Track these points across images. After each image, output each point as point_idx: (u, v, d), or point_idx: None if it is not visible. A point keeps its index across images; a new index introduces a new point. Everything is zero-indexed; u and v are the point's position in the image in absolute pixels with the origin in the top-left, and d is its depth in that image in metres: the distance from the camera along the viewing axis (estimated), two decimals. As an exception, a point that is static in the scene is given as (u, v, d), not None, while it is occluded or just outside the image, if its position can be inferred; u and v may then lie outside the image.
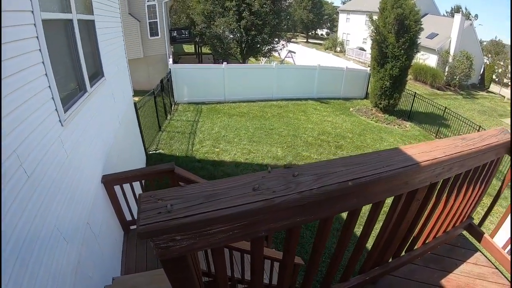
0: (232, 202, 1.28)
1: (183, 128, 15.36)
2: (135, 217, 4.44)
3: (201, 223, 1.23)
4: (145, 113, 12.50)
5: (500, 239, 3.41)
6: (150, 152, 12.49)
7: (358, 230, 2.37)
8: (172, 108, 17.73)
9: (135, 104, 10.95)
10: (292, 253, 1.73)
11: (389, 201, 2.04)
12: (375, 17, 20.28)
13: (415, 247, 2.90)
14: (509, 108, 36.69)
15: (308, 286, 2.17)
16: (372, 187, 1.66)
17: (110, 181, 5.09)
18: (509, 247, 3.32)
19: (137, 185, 5.47)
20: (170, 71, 17.98)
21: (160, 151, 12.83)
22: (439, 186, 2.28)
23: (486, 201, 7.00)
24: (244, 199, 1.30)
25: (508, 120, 31.78)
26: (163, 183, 5.29)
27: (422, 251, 2.98)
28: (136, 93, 11.71)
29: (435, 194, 2.32)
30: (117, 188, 5.19)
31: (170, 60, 19.89)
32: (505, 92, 41.94)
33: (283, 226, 1.47)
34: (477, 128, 18.46)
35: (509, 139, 2.62)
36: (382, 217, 2.17)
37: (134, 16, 21.22)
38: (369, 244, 2.29)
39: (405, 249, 2.78)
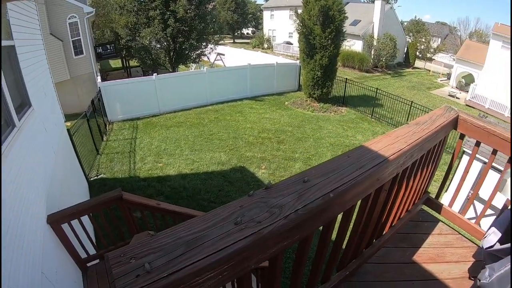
0: (218, 244, 1.14)
1: (122, 147, 14.75)
2: (90, 253, 4.19)
3: (189, 277, 1.07)
4: (80, 138, 11.85)
5: (457, 207, 3.56)
6: (92, 179, 11.86)
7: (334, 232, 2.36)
8: (107, 128, 16.97)
9: (68, 130, 10.31)
10: (278, 281, 1.64)
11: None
12: (300, 11, 20.59)
13: (384, 232, 2.99)
14: (436, 80, 38.81)
15: None
16: (349, 193, 1.62)
17: (56, 220, 4.68)
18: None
19: (85, 218, 5.08)
20: (99, 89, 17.20)
21: (102, 175, 12.23)
22: (401, 173, 2.31)
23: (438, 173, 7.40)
24: (230, 238, 1.17)
25: (435, 91, 33.56)
26: (113, 210, 5.10)
27: (391, 234, 3.07)
28: (67, 117, 11.09)
29: (398, 180, 2.37)
30: (65, 226, 4.79)
31: (99, 78, 18.98)
32: (429, 65, 44.80)
33: (271, 254, 1.36)
34: (410, 104, 19.36)
35: (455, 115, 2.82)
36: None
37: (56, 36, 19.83)
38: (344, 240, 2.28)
39: (375, 236, 2.84)
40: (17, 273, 3.18)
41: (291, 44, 46.07)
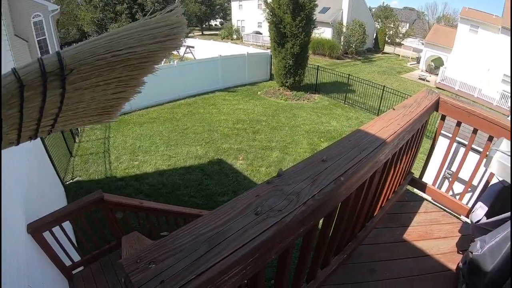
0: (243, 238, 1.10)
1: (96, 148, 14.33)
2: (75, 260, 4.04)
3: (218, 275, 1.01)
4: (52, 141, 11.45)
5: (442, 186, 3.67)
6: (68, 183, 11.51)
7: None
8: (79, 129, 16.25)
9: None
10: (288, 264, 1.63)
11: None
12: (269, 0, 20.51)
13: (375, 213, 3.08)
14: (406, 65, 39.53)
15: (300, 285, 2.16)
16: (355, 176, 1.63)
17: (37, 229, 4.46)
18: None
19: (66, 224, 4.88)
20: None
21: (78, 178, 11.88)
22: (392, 155, 2.36)
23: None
24: (255, 230, 1.13)
25: (406, 75, 34.19)
26: (94, 212, 4.98)
27: (381, 216, 3.17)
28: None
29: (389, 162, 2.43)
30: (46, 234, 4.57)
31: None
32: (399, 50, 45.71)
33: (290, 242, 1.35)
34: (382, 88, 19.72)
35: (437, 97, 2.93)
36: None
37: (21, 37, 18.79)
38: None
39: (368, 218, 2.92)
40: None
41: (261, 33, 45.94)
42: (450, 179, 9.97)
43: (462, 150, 10.16)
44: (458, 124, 3.18)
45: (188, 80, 20.77)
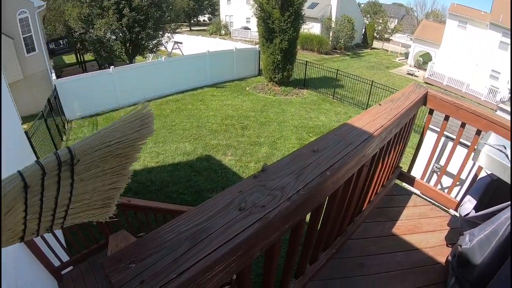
0: (226, 234, 1.06)
1: None
2: (63, 260, 3.96)
3: (200, 273, 0.97)
4: (38, 140, 11.35)
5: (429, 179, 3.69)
6: None
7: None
8: (66, 127, 16.31)
9: (26, 133, 9.77)
10: (275, 262, 1.60)
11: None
12: (257, -5, 20.42)
13: (363, 208, 3.07)
14: (395, 60, 39.75)
15: (287, 282, 2.14)
16: (342, 170, 1.60)
17: None
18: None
19: None
20: (55, 87, 16.37)
21: None
22: (379, 149, 2.35)
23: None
24: (237, 226, 1.09)
25: (394, 70, 34.37)
26: None
27: (370, 210, 3.16)
28: (24, 119, 10.60)
29: (377, 156, 2.41)
30: None
31: (53, 75, 17.95)
32: (387, 46, 45.93)
33: (275, 238, 1.32)
34: (370, 83, 19.83)
35: (425, 91, 2.94)
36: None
37: (6, 34, 18.50)
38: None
39: (356, 212, 2.91)
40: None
41: (249, 29, 45.78)
42: (439, 173, 10.04)
43: (450, 144, 10.24)
44: (446, 118, 3.17)
45: (176, 76, 20.61)
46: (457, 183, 3.55)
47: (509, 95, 26.05)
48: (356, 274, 2.67)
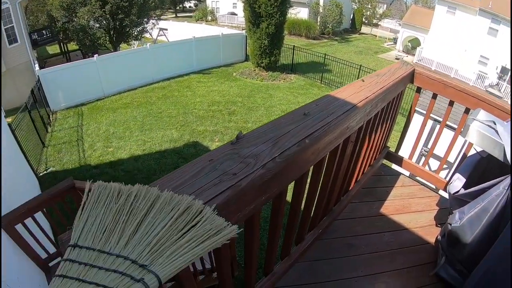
0: None
1: (69, 137, 13.86)
2: (51, 252, 3.86)
3: None
4: (23, 132, 11.07)
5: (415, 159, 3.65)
6: (41, 174, 11.15)
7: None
8: (51, 119, 15.88)
9: (9, 125, 9.48)
10: (256, 240, 1.53)
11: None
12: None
13: (350, 188, 3.02)
14: (383, 45, 39.84)
15: (272, 266, 2.11)
16: (323, 140, 1.52)
17: (9, 222, 4.21)
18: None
19: (39, 216, 4.64)
20: (38, 78, 15.88)
21: (52, 169, 11.52)
22: (365, 124, 2.28)
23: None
24: (205, 196, 1.00)
25: (382, 55, 34.47)
26: (68, 203, 4.75)
27: (357, 190, 3.11)
28: (8, 113, 10.35)
29: (363, 132, 2.35)
30: (19, 227, 4.32)
31: (36, 66, 17.47)
32: (376, 31, 45.92)
33: (250, 211, 1.23)
34: (358, 68, 19.86)
35: (412, 69, 2.88)
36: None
37: None
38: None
39: (342, 192, 2.85)
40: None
41: (236, 14, 45.32)
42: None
43: (439, 127, 10.21)
44: (434, 96, 3.12)
45: (161, 63, 20.28)
46: (446, 166, 3.51)
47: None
48: (344, 255, 2.63)
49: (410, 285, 2.48)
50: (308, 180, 1.91)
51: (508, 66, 26.42)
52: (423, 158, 9.50)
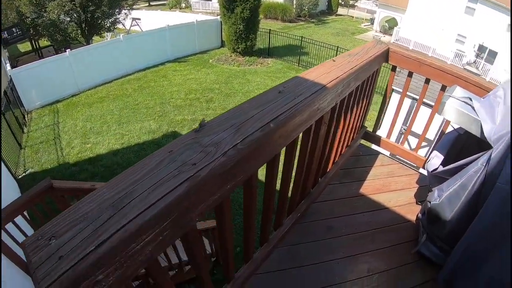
0: (150, 198, 0.92)
1: (45, 136, 13.52)
2: None
3: (123, 243, 0.85)
4: None
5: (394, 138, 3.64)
6: (20, 176, 10.87)
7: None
8: (26, 119, 15.39)
9: None
10: (228, 229, 1.50)
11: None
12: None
13: (328, 169, 2.99)
14: (360, 26, 39.98)
15: (250, 254, 2.08)
16: (290, 123, 1.47)
17: None
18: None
19: (21, 221, 4.48)
20: (10, 78, 15.27)
21: (30, 170, 11.25)
22: (339, 104, 2.24)
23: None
24: (163, 188, 0.96)
25: (360, 36, 34.56)
26: (48, 204, 4.59)
27: (335, 171, 3.08)
28: None
29: (337, 113, 2.31)
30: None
31: (8, 66, 16.91)
32: (352, 12, 45.85)
33: (215, 201, 1.18)
34: (335, 49, 19.87)
35: (386, 48, 2.87)
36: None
37: None
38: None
39: (320, 174, 2.82)
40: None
41: (210, 0, 44.94)
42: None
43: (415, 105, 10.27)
44: (410, 75, 3.11)
45: (136, 54, 19.85)
46: (426, 144, 3.50)
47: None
48: (325, 237, 2.61)
49: (392, 263, 2.47)
50: (282, 164, 1.87)
51: (485, 44, 26.79)
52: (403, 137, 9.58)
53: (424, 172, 3.12)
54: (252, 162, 1.32)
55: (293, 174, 2.19)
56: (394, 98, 9.20)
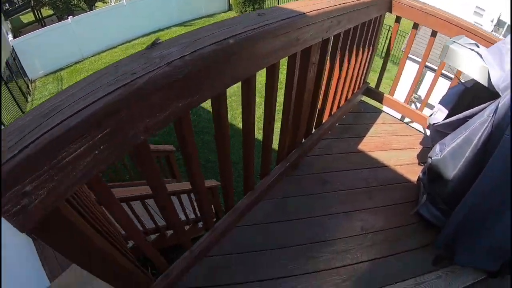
0: (78, 105, 0.83)
1: None
2: None
3: (47, 149, 0.76)
4: (2, 106, 10.96)
5: (398, 96, 3.51)
6: None
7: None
8: (30, 88, 15.40)
9: None
10: (195, 167, 1.42)
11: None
12: None
13: (323, 121, 2.87)
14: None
15: (231, 201, 2.00)
16: (260, 45, 1.34)
17: None
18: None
19: None
20: (13, 48, 15.26)
21: None
22: (331, 47, 2.12)
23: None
24: (93, 97, 0.86)
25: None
26: None
27: (331, 123, 2.95)
28: None
29: (329, 56, 2.19)
30: None
31: (10, 36, 16.78)
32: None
33: (165, 119, 1.07)
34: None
35: None
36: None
37: None
38: (277, 129, 2.04)
39: (314, 125, 2.72)
40: None
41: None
42: (417, 103, 9.88)
43: (428, 74, 10.05)
44: (415, 26, 2.93)
45: (140, 17, 19.31)
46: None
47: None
48: (318, 192, 2.54)
49: (389, 223, 2.38)
50: (263, 103, 1.80)
51: (504, 19, 26.24)
52: (413, 105, 9.38)
53: (429, 132, 2.98)
54: (210, 79, 1.20)
55: (280, 117, 2.09)
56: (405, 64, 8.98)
